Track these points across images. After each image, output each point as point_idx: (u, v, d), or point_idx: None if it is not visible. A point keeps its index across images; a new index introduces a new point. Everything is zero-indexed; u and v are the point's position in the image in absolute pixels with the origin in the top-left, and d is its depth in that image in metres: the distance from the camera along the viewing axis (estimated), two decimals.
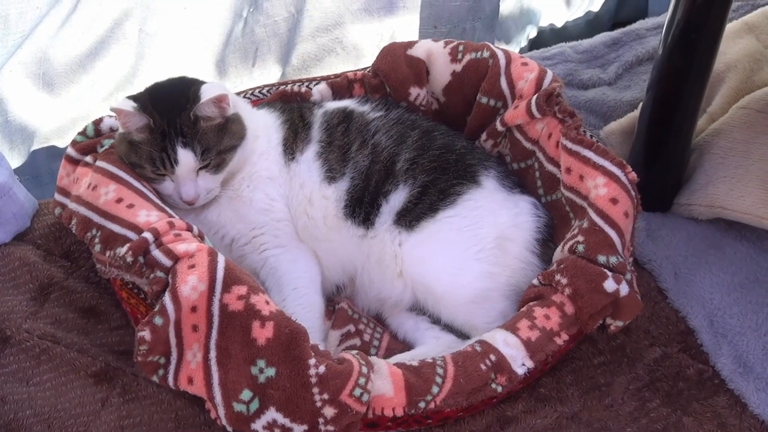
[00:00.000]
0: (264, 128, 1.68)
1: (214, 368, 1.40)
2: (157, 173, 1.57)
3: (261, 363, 1.38)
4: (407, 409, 1.41)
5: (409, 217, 1.62)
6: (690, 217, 1.88)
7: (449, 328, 1.63)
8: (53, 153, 1.92)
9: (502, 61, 1.78)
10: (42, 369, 1.52)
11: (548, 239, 1.68)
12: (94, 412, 1.48)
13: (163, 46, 1.92)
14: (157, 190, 1.59)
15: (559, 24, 2.36)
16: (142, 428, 1.47)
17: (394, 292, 1.64)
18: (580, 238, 1.57)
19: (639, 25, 2.32)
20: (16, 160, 1.88)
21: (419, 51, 1.84)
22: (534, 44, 2.36)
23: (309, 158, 1.69)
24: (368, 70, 1.87)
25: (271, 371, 1.37)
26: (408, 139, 1.69)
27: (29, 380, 1.50)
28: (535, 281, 1.60)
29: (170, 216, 1.51)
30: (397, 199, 1.64)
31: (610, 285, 1.52)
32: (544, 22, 2.34)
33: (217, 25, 1.96)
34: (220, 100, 1.56)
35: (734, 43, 2.09)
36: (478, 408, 1.51)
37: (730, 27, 2.06)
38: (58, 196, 1.63)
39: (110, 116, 1.66)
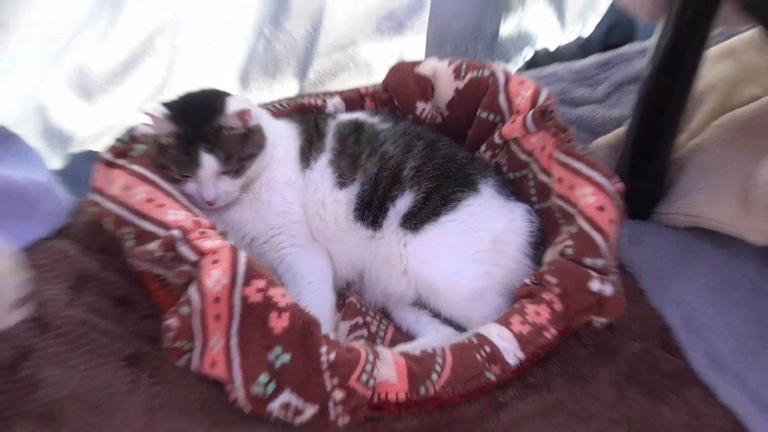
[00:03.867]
0: (283, 138, 1.70)
1: (235, 354, 1.41)
2: (182, 175, 1.58)
3: (277, 350, 1.39)
4: (409, 394, 1.43)
5: (414, 221, 1.64)
6: (669, 225, 1.89)
7: (448, 322, 1.65)
8: (90, 156, 1.92)
9: (501, 80, 1.79)
10: (78, 353, 1.52)
11: (540, 243, 1.69)
12: (126, 393, 1.49)
13: (191, 60, 1.93)
14: (184, 192, 1.60)
15: (553, 47, 2.37)
16: (169, 408, 1.48)
17: (399, 288, 1.66)
18: (569, 242, 1.59)
19: (627, 48, 2.32)
20: (56, 162, 1.89)
21: (425, 69, 1.86)
22: (530, 64, 2.37)
23: (322, 165, 1.70)
24: (379, 85, 1.89)
25: (286, 357, 1.39)
26: (414, 149, 1.70)
27: (66, 363, 1.51)
28: (527, 280, 1.61)
29: (196, 216, 1.53)
30: (403, 203, 1.66)
31: (595, 285, 1.53)
32: (539, 45, 2.35)
33: (241, 42, 1.97)
34: (243, 114, 1.58)
35: (713, 66, 2.10)
36: (473, 395, 1.52)
37: (710, 51, 2.07)
38: (93, 196, 1.63)
39: (143, 124, 1.67)
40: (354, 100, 1.89)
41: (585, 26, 2.41)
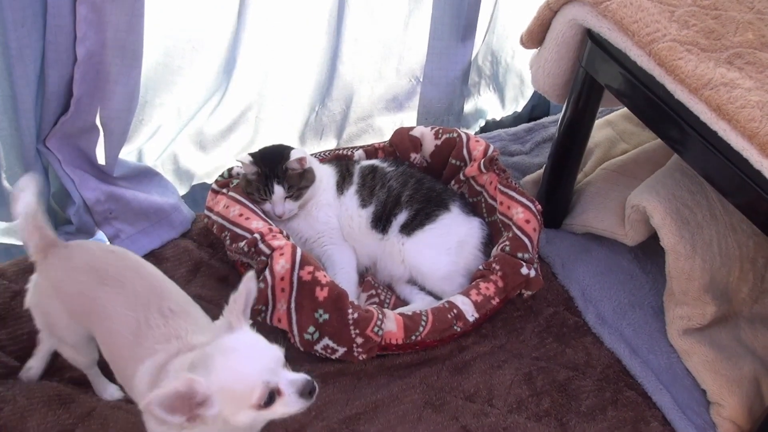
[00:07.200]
0: (326, 176, 1.67)
1: (294, 314, 1.40)
2: (261, 198, 1.57)
3: (320, 311, 1.38)
4: (404, 340, 1.42)
5: (408, 228, 1.61)
6: (571, 231, 1.86)
7: (430, 294, 1.61)
8: (204, 186, 1.92)
9: (464, 139, 1.77)
10: None
11: (489, 243, 1.67)
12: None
13: (269, 125, 1.93)
14: (262, 209, 1.58)
15: (498, 118, 2.36)
16: None
17: (398, 271, 1.63)
18: (507, 242, 1.56)
19: (544, 119, 2.30)
20: (182, 190, 1.88)
21: (416, 132, 1.83)
22: (483, 130, 2.36)
23: (351, 193, 1.67)
24: (386, 142, 1.86)
25: (326, 316, 1.38)
26: (409, 183, 1.67)
27: None
28: (480, 267, 1.59)
29: (270, 225, 1.51)
30: (402, 217, 1.63)
31: (524, 270, 1.52)
32: (489, 117, 2.34)
33: (300, 115, 1.97)
34: (301, 160, 1.56)
35: (599, 131, 2.08)
36: (446, 341, 1.50)
37: (597, 122, 2.06)
38: (206, 212, 1.63)
39: (238, 166, 1.66)
40: (371, 152, 1.86)
41: (517, 105, 2.40)
